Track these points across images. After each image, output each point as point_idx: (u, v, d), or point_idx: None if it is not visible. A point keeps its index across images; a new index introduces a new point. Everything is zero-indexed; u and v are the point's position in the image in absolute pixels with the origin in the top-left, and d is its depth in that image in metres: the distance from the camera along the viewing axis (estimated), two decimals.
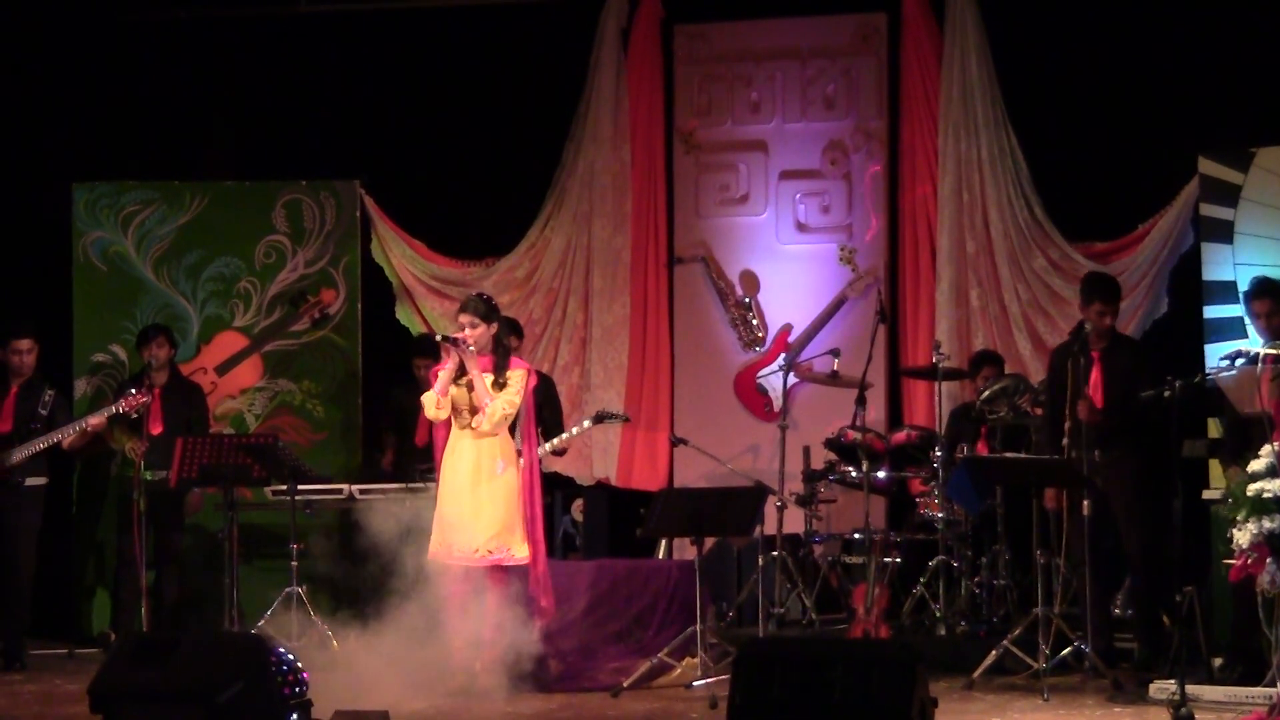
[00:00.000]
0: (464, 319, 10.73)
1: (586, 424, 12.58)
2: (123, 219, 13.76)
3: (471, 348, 10.56)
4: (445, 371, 10.67)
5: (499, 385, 10.62)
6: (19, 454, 12.08)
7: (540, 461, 11.25)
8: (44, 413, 12.21)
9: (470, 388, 10.59)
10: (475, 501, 10.64)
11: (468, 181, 14.04)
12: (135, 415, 12.19)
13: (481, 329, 10.65)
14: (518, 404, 10.68)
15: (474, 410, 10.60)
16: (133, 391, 12.16)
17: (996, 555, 11.76)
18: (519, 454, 10.81)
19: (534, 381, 11.05)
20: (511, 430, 10.80)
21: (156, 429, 12.44)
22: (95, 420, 12.21)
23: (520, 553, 10.68)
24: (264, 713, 8.50)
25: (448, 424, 10.75)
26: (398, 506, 11.55)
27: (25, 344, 12.27)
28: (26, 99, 13.76)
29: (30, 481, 12.19)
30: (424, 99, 14.00)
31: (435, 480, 10.91)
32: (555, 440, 12.23)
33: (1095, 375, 11.01)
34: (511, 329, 11.25)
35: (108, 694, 8.66)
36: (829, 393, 12.68)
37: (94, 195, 13.77)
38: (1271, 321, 10.54)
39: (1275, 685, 9.12)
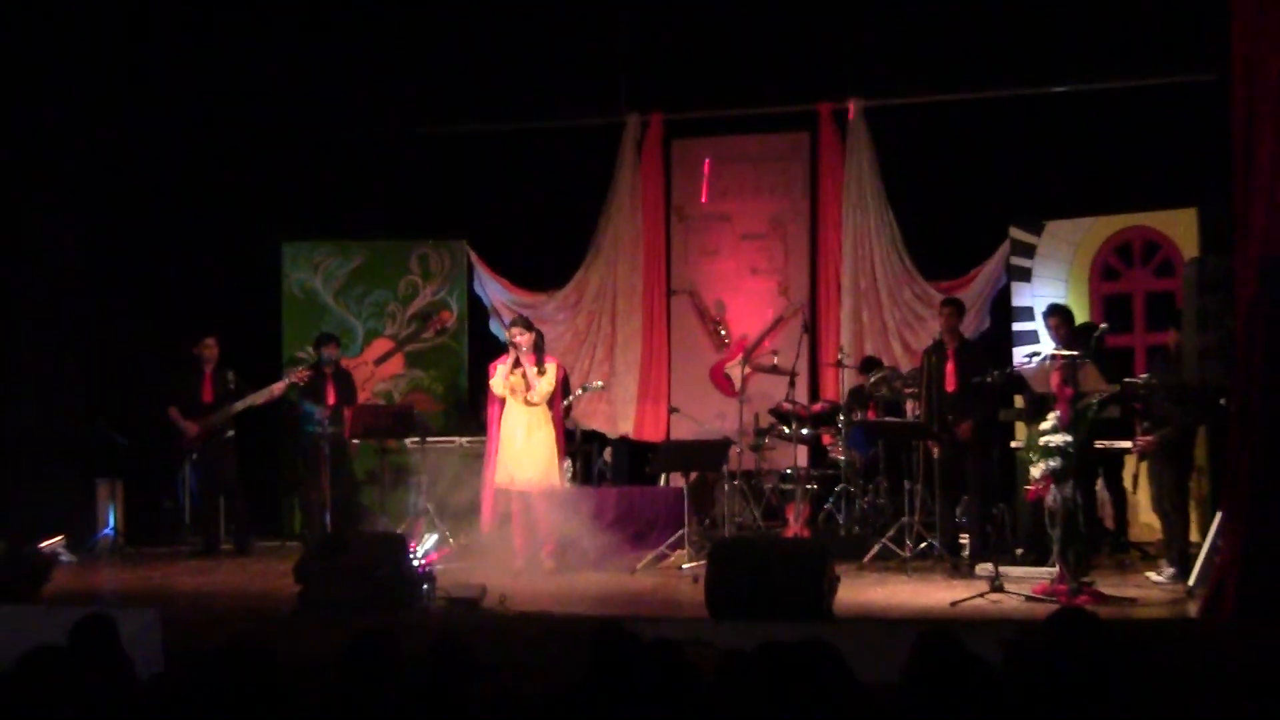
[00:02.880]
0: (514, 331, 10.97)
1: (579, 391, 12.70)
2: (314, 265, 13.88)
3: (523, 349, 10.76)
4: (505, 365, 10.88)
5: (540, 373, 10.80)
6: (220, 415, 12.21)
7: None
8: (231, 388, 12.31)
9: (523, 375, 10.78)
10: (529, 448, 10.79)
11: (537, 239, 14.01)
12: (303, 383, 12.31)
13: (529, 337, 10.85)
14: (553, 386, 10.90)
15: (527, 388, 10.78)
16: (299, 369, 12.43)
17: (879, 484, 11.78)
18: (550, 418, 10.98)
19: (562, 373, 11.36)
20: None
21: (331, 400, 12.48)
22: (279, 386, 12.35)
23: (555, 481, 10.89)
24: (405, 584, 8.66)
25: (503, 399, 10.92)
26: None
27: (211, 341, 12.38)
28: (246, 190, 13.74)
29: (228, 434, 12.34)
30: (509, 187, 13.93)
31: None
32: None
33: (950, 366, 11.04)
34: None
35: (305, 571, 8.83)
36: (772, 379, 12.64)
37: (295, 250, 13.87)
38: (1059, 332, 10.55)
39: (1054, 566, 9.21)
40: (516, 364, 10.82)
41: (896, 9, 12.81)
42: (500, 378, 10.88)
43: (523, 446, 10.80)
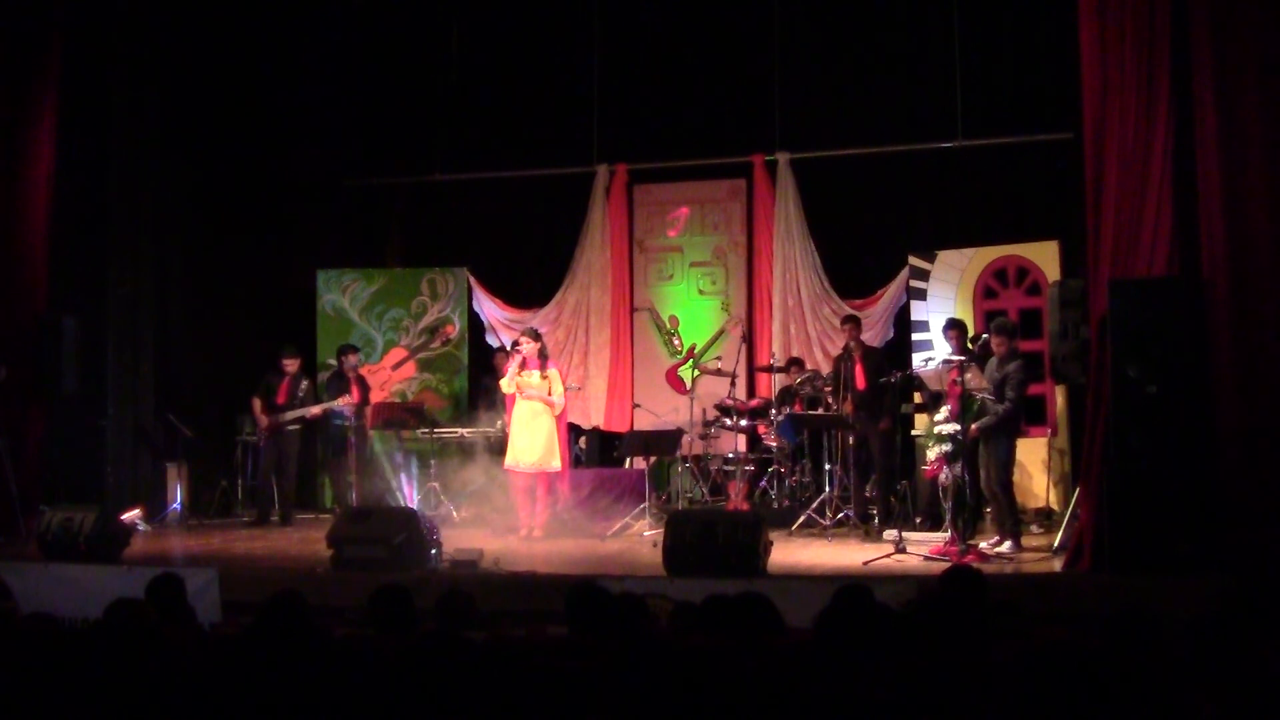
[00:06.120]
0: (523, 340, 10.87)
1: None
2: (343, 288, 13.78)
3: (523, 353, 10.71)
4: (513, 366, 10.80)
5: (544, 377, 10.73)
6: (288, 415, 12.15)
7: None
8: (301, 394, 12.22)
9: (522, 374, 10.73)
10: (531, 436, 10.73)
11: (524, 266, 14.00)
12: (350, 409, 12.23)
13: (533, 345, 10.78)
14: (562, 389, 10.85)
15: (529, 389, 10.71)
16: (344, 397, 12.17)
17: (804, 466, 11.75)
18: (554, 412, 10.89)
19: (566, 377, 11.26)
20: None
21: (356, 399, 12.37)
22: (322, 408, 12.17)
23: (556, 465, 10.80)
24: (417, 550, 8.61)
25: (514, 396, 10.86)
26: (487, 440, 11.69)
27: (285, 355, 12.29)
28: (288, 228, 13.72)
29: (291, 428, 12.23)
30: (502, 224, 13.92)
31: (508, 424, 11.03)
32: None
33: (858, 369, 11.08)
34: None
35: (336, 538, 8.78)
36: (716, 380, 12.58)
37: (328, 276, 13.76)
38: (956, 342, 10.58)
39: (947, 531, 9.27)
40: (523, 365, 10.76)
41: (817, 81, 12.88)
42: (508, 378, 10.83)
43: (526, 435, 10.74)
